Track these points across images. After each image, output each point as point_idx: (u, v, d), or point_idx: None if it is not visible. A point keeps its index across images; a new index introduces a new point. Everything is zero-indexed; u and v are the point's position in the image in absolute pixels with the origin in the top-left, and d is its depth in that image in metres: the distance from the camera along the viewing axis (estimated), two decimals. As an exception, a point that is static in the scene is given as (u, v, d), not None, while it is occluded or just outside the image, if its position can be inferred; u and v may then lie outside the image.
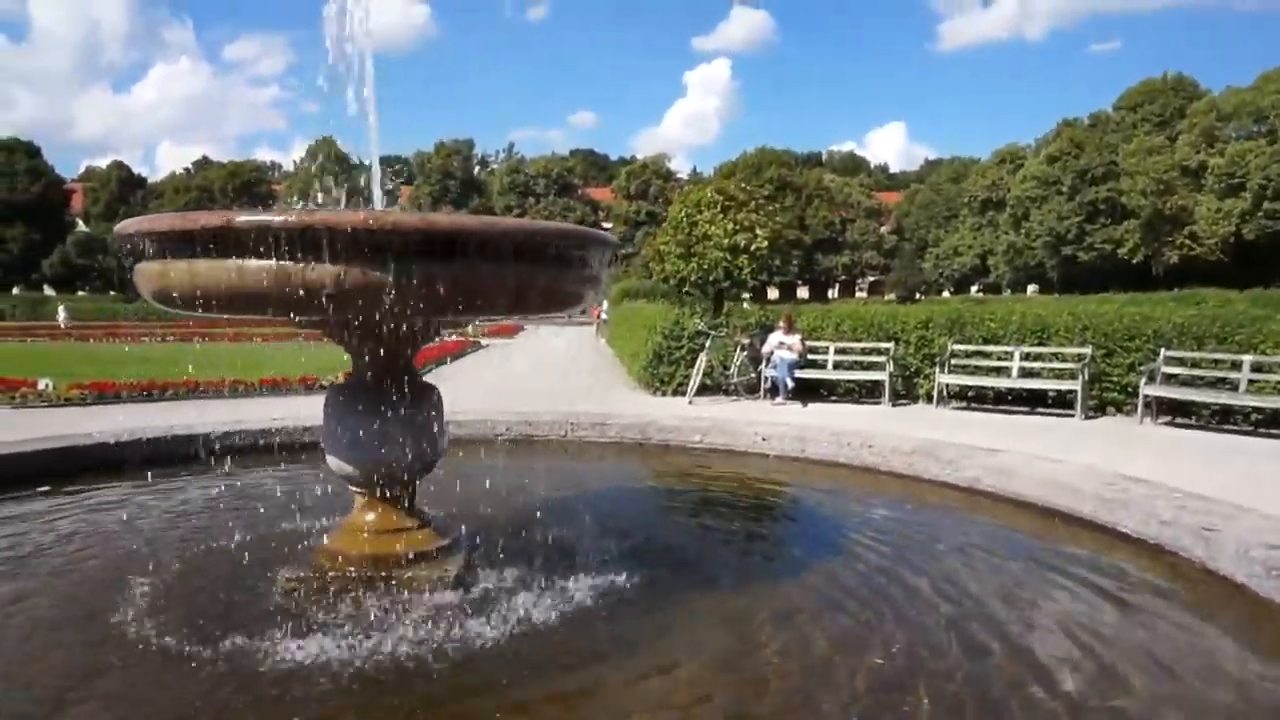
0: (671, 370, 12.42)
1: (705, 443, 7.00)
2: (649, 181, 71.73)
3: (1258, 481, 6.49)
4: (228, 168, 73.61)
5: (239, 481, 5.50)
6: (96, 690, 2.72)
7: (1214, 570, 3.78)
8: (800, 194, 67.32)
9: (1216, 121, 51.50)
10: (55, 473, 5.54)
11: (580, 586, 3.51)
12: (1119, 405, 10.50)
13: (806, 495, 5.83)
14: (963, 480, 5.55)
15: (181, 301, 3.02)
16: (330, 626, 3.09)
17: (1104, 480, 4.93)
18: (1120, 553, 4.22)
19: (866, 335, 12.29)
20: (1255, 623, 3.33)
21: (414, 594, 3.37)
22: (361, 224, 2.63)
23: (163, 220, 2.86)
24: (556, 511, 4.60)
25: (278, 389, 11.68)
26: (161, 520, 4.71)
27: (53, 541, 4.30)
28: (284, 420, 7.03)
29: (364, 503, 3.68)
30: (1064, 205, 55.31)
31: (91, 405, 10.56)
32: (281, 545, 3.83)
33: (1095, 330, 10.87)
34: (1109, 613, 3.42)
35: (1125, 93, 59.97)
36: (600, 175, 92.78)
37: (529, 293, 3.11)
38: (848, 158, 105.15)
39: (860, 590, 3.64)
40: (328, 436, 3.57)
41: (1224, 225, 50.23)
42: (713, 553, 4.35)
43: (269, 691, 2.66)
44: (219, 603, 3.35)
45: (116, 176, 71.33)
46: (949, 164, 78.80)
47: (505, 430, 7.28)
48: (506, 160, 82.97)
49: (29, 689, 2.76)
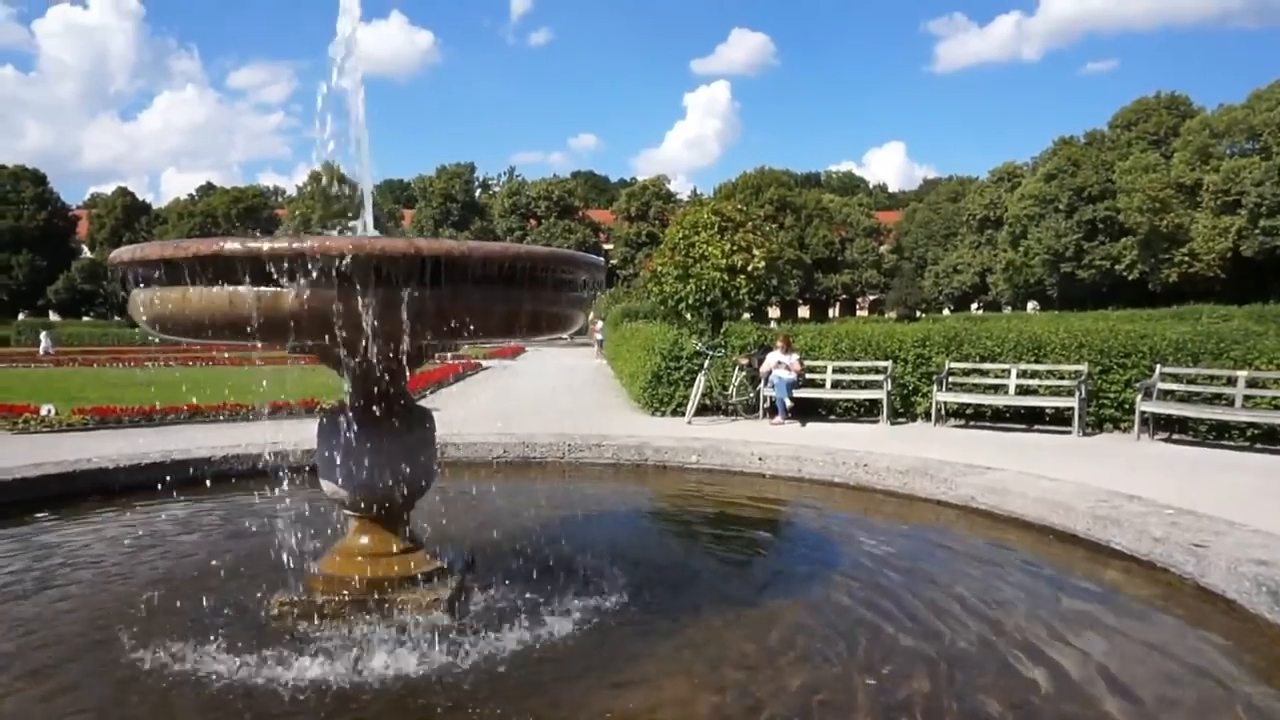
0: (670, 391, 12.44)
1: (702, 463, 7.02)
2: (649, 203, 72.06)
3: (1253, 496, 6.50)
4: (231, 193, 74.04)
5: (238, 503, 5.52)
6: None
7: (1205, 587, 3.79)
8: (800, 214, 67.61)
9: (1210, 139, 51.69)
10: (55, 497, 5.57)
11: (573, 610, 3.52)
12: (1116, 422, 10.51)
13: (801, 515, 5.84)
14: (957, 499, 5.57)
15: (175, 328, 3.07)
16: (319, 649, 3.11)
17: (1097, 497, 4.94)
18: (1113, 570, 4.23)
19: (864, 354, 12.31)
20: (1245, 639, 3.33)
21: (407, 617, 3.39)
22: (349, 250, 2.67)
23: (154, 249, 2.90)
24: (551, 533, 4.62)
25: (278, 412, 11.71)
26: (156, 541, 4.73)
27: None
28: (283, 445, 7.05)
29: (357, 526, 3.71)
30: (1062, 223, 55.47)
31: (94, 430, 10.59)
32: (275, 569, 3.85)
33: (1091, 347, 10.90)
34: (1098, 630, 3.43)
35: (1119, 111, 60.20)
36: (601, 197, 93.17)
37: (517, 316, 3.16)
38: (846, 177, 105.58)
39: (851, 613, 3.65)
40: (321, 461, 3.60)
41: (1221, 242, 50.30)
42: (706, 575, 4.35)
43: (246, 712, 2.67)
44: (207, 626, 3.37)
45: (121, 203, 71.74)
46: (947, 183, 79.06)
47: (504, 452, 7.31)
48: (507, 183, 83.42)
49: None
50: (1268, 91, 50.32)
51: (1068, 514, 4.83)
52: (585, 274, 3.42)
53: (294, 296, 2.69)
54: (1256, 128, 49.51)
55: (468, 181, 78.07)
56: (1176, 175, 52.05)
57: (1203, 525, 4.27)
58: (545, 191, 75.57)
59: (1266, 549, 3.80)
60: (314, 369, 3.86)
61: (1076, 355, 10.93)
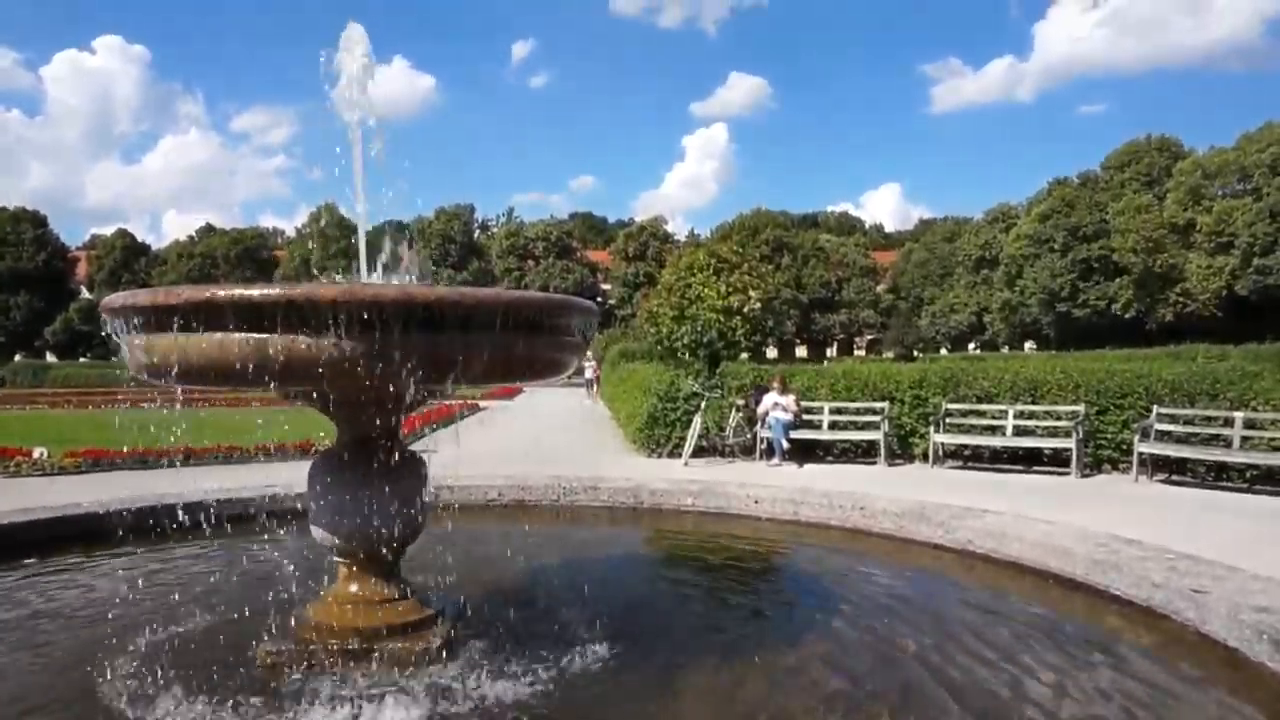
0: (667, 432, 12.40)
1: (698, 506, 6.96)
2: (646, 243, 72.59)
3: (1252, 541, 6.43)
4: (230, 235, 74.58)
5: (229, 550, 5.46)
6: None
7: (1206, 634, 3.74)
8: (796, 254, 68.14)
9: (1202, 180, 52.37)
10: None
11: (565, 662, 3.46)
12: (1114, 463, 10.46)
13: (797, 560, 5.79)
14: (955, 543, 5.51)
15: (167, 374, 3.05)
16: (305, 700, 3.04)
17: (1096, 542, 4.90)
18: (1112, 617, 4.18)
19: (861, 395, 12.30)
20: (1247, 690, 3.27)
21: (396, 666, 3.33)
22: (341, 297, 2.68)
23: (146, 295, 2.91)
24: (544, 581, 4.56)
25: (273, 455, 11.65)
26: (137, 590, 4.67)
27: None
28: (276, 488, 6.99)
29: (347, 573, 3.66)
30: (1057, 263, 55.91)
31: (87, 473, 10.51)
32: (263, 617, 3.79)
33: (1088, 388, 10.89)
34: (1098, 680, 3.37)
35: (1112, 153, 61.04)
36: (599, 238, 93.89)
37: (511, 360, 3.15)
38: (843, 218, 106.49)
39: (844, 663, 3.59)
40: (312, 506, 3.57)
41: (1215, 281, 50.69)
42: (701, 624, 4.30)
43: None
44: (195, 677, 3.30)
45: (120, 244, 72.24)
46: (943, 223, 79.78)
47: (498, 495, 7.26)
48: (505, 224, 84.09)
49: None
50: (1258, 134, 51.10)
51: (1066, 558, 4.78)
52: (579, 319, 3.42)
53: (288, 343, 2.69)
54: (1247, 169, 50.18)
55: (466, 222, 78.69)
56: (1169, 216, 52.62)
57: (1202, 570, 4.23)
58: (543, 233, 76.14)
59: (1266, 594, 3.76)
60: (311, 412, 3.84)
61: (1073, 396, 10.92)
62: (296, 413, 4.11)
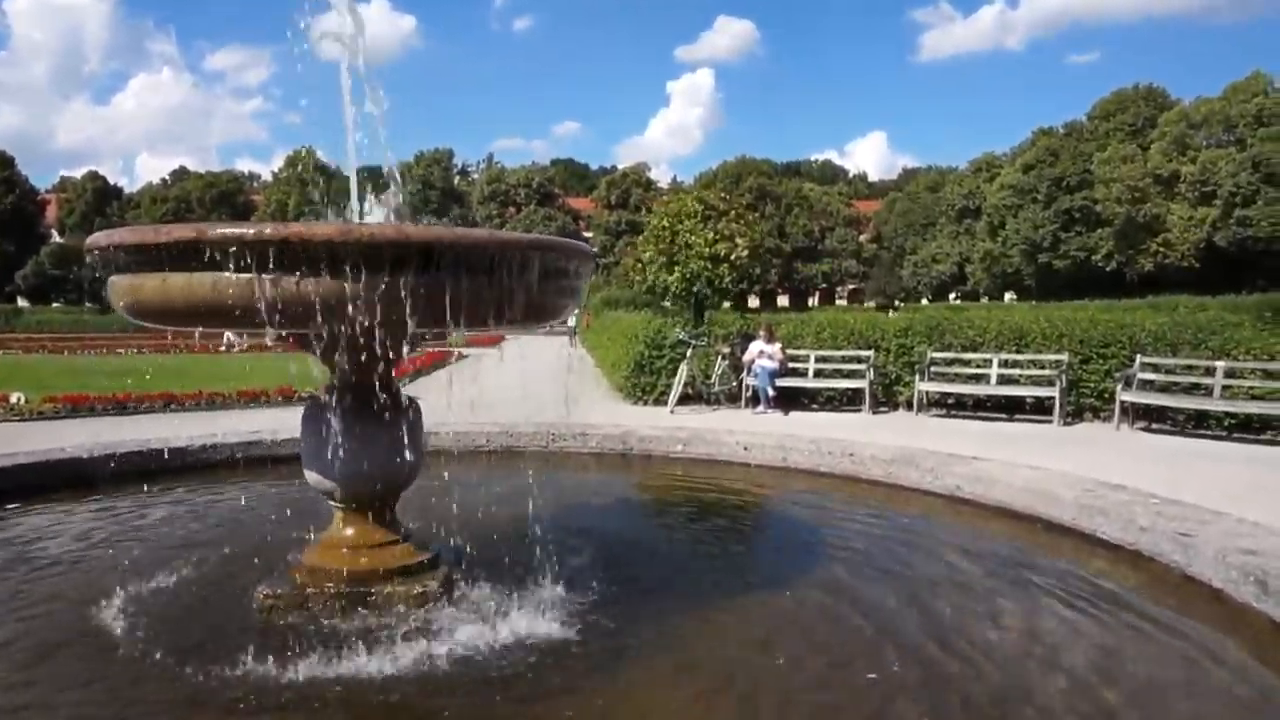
0: (653, 379, 12.40)
1: (687, 452, 6.99)
2: (629, 190, 71.85)
3: (1236, 485, 6.55)
4: (205, 178, 73.00)
5: (212, 495, 5.42)
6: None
7: (1192, 576, 3.81)
8: (780, 203, 67.73)
9: (1187, 130, 52.29)
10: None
11: (558, 602, 3.47)
12: (1096, 411, 10.60)
13: (788, 505, 5.83)
14: (943, 488, 5.57)
15: (154, 315, 2.98)
16: (303, 643, 3.04)
17: (1083, 487, 4.96)
18: (1101, 560, 4.24)
19: (846, 343, 12.34)
20: (1234, 629, 3.34)
21: (392, 609, 3.33)
22: (336, 236, 2.60)
23: (134, 233, 2.81)
24: (536, 524, 4.56)
25: (255, 401, 11.56)
26: (133, 532, 4.64)
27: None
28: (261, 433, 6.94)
29: (342, 517, 3.64)
30: (1039, 213, 55.93)
31: (65, 418, 10.40)
32: (260, 560, 3.77)
33: (1072, 337, 10.98)
34: (1087, 621, 3.43)
35: (1097, 102, 60.65)
36: (581, 185, 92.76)
37: (507, 304, 3.08)
38: (826, 166, 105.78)
39: (835, 607, 3.64)
40: (305, 451, 3.53)
41: (1196, 232, 50.96)
42: (691, 566, 4.33)
43: (231, 706, 2.62)
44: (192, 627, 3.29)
45: (92, 187, 70.49)
46: (926, 173, 79.44)
47: (486, 442, 7.24)
48: (486, 170, 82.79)
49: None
50: (1244, 84, 50.91)
51: (1054, 503, 4.84)
52: (577, 263, 3.35)
53: (281, 283, 2.61)
54: (1232, 119, 50.09)
55: (446, 168, 77.41)
56: (1154, 166, 52.60)
57: (1188, 514, 4.30)
58: (525, 179, 75.12)
59: (1253, 538, 3.83)
60: (292, 356, 3.77)
61: (1057, 345, 11.00)
62: (274, 359, 4.04)
